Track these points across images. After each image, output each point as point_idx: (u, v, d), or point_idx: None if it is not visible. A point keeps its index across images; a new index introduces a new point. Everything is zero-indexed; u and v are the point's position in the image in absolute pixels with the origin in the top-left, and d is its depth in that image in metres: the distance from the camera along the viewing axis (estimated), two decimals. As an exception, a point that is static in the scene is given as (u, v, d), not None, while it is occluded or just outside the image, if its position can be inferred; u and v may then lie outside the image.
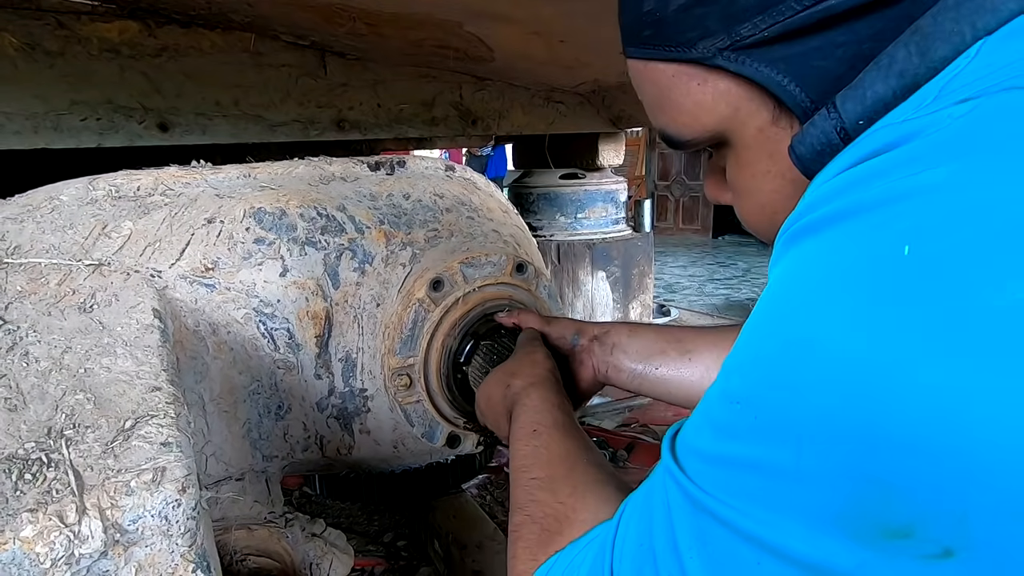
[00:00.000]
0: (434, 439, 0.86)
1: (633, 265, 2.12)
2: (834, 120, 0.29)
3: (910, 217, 0.23)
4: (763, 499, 0.26)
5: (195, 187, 0.83)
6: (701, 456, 0.30)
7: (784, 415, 0.25)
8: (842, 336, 0.23)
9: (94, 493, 0.46)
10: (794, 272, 0.26)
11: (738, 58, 0.31)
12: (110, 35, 1.01)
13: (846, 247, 0.24)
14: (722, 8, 0.30)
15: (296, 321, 0.79)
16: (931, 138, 0.24)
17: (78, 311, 0.63)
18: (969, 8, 0.25)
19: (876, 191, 0.24)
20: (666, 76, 0.34)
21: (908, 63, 0.26)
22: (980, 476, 0.20)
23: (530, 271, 0.89)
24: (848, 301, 0.23)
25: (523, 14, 0.97)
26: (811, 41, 0.29)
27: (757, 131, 0.33)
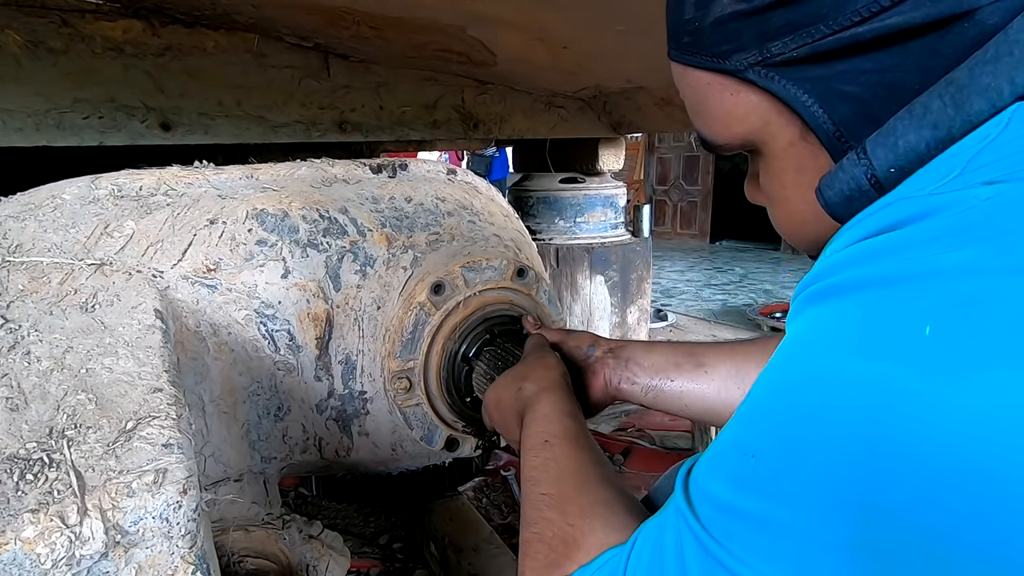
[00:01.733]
0: (433, 442, 0.86)
1: (631, 270, 2.13)
2: (864, 166, 0.29)
3: (932, 297, 0.23)
4: (769, 555, 0.26)
5: (197, 187, 0.83)
6: (714, 504, 0.30)
7: (800, 478, 0.25)
8: (856, 408, 0.23)
9: (95, 494, 0.46)
10: (809, 334, 0.27)
11: (768, 74, 0.32)
12: (114, 34, 1.01)
13: (863, 317, 0.25)
14: (755, 25, 0.31)
15: (297, 323, 0.79)
16: (955, 218, 0.24)
17: (80, 311, 0.63)
18: (1008, 64, 0.25)
19: (898, 265, 0.25)
20: (702, 83, 0.35)
21: (943, 115, 0.27)
22: (985, 558, 0.21)
23: (531, 276, 0.89)
24: (865, 373, 0.23)
25: (526, 20, 0.98)
26: (837, 65, 0.30)
27: (787, 145, 0.34)
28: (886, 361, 0.23)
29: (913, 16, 0.27)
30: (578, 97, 1.56)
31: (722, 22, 0.32)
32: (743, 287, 4.84)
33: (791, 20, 0.30)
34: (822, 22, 0.29)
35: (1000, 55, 0.26)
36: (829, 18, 0.28)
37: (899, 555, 0.22)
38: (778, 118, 0.33)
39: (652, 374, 0.63)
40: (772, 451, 0.27)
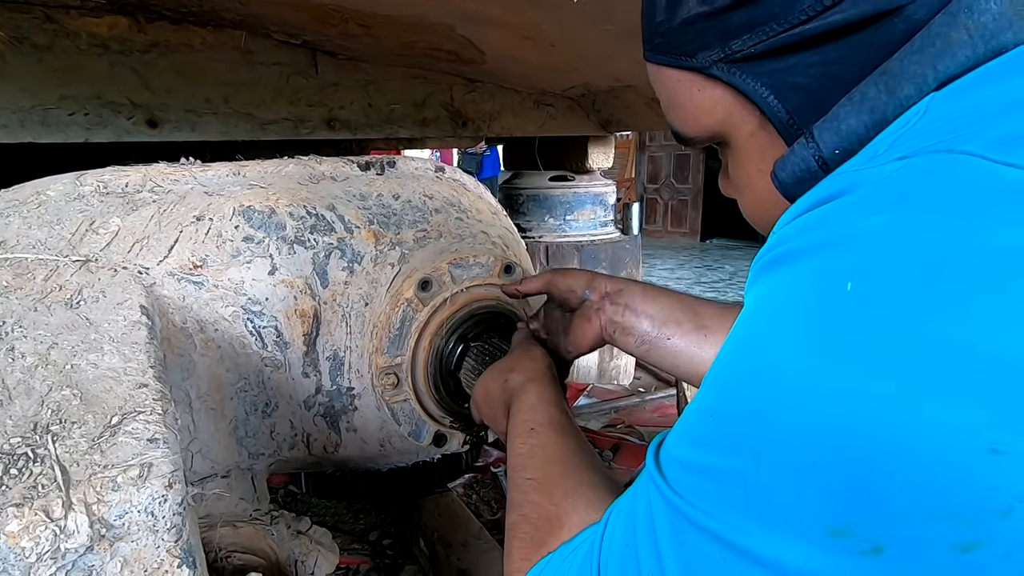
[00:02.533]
0: (421, 438, 0.86)
1: (621, 267, 2.14)
2: (812, 149, 0.32)
3: (850, 258, 0.26)
4: (730, 504, 0.29)
5: (184, 184, 0.83)
6: (679, 464, 0.33)
7: (746, 429, 0.28)
8: (792, 361, 0.27)
9: (80, 488, 0.46)
10: (759, 302, 0.30)
11: (730, 70, 0.35)
12: (99, 30, 1.00)
13: (799, 282, 0.28)
14: (718, 25, 0.34)
15: (284, 319, 0.79)
16: (870, 189, 0.28)
17: (65, 307, 0.63)
18: (931, 53, 0.29)
19: (825, 233, 0.28)
20: (673, 80, 0.39)
21: (878, 100, 0.30)
22: (902, 482, 0.24)
23: (518, 272, 0.90)
24: (797, 330, 0.27)
25: (515, 19, 0.98)
26: (789, 59, 0.33)
27: (749, 135, 0.37)
28: (812, 319, 0.26)
29: (851, 13, 0.30)
30: (567, 95, 1.57)
31: (688, 23, 0.35)
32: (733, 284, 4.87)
33: (748, 19, 0.33)
34: (775, 20, 0.32)
35: (924, 46, 0.29)
36: (781, 17, 0.32)
37: (837, 484, 0.25)
38: (740, 110, 0.36)
39: (650, 327, 0.61)
40: (725, 410, 0.29)
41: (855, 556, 0.25)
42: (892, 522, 0.24)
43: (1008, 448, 0.22)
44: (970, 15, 0.28)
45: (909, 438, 0.23)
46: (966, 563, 0.23)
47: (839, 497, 0.25)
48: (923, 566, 0.24)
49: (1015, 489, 0.22)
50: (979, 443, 0.23)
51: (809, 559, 0.26)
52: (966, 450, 0.23)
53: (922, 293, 0.24)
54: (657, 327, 0.61)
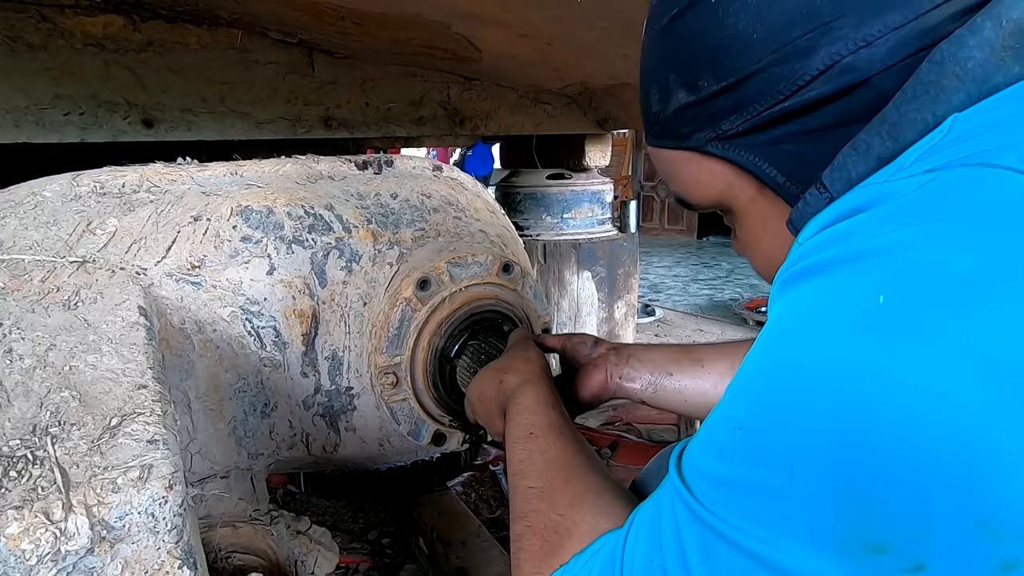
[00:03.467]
0: (420, 437, 0.86)
1: (618, 265, 2.14)
2: (824, 197, 0.35)
3: (883, 270, 0.27)
4: (762, 518, 0.29)
5: (181, 184, 0.83)
6: (706, 477, 0.33)
7: (778, 441, 0.28)
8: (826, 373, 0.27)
9: (80, 490, 0.46)
10: (786, 314, 0.30)
11: (723, 146, 0.39)
12: (94, 29, 1.00)
13: (830, 294, 0.28)
14: (706, 110, 0.38)
15: (283, 319, 0.79)
16: (899, 202, 0.29)
17: (62, 308, 0.63)
18: (926, 100, 0.31)
19: (855, 246, 0.29)
20: (673, 158, 0.42)
21: (883, 148, 0.32)
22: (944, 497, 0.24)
23: (516, 271, 0.90)
24: (830, 341, 0.27)
25: (511, 17, 0.98)
26: (774, 131, 0.37)
27: (750, 200, 0.41)
28: (846, 331, 0.27)
29: (823, 89, 0.34)
30: (564, 93, 1.57)
31: (680, 111, 0.39)
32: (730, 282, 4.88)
33: (732, 103, 0.37)
34: (756, 102, 0.36)
35: (918, 94, 0.31)
36: (761, 98, 0.36)
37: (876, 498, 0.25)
38: (738, 179, 0.40)
39: (651, 369, 0.66)
40: (756, 421, 0.29)
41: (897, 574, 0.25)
42: (934, 538, 0.24)
43: None
44: (956, 62, 0.30)
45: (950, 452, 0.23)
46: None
47: (880, 512, 0.25)
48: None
49: None
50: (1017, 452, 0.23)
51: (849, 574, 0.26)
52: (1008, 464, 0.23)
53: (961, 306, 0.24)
54: (658, 369, 0.66)
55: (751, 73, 0.35)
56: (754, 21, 0.34)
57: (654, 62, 0.41)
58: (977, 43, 0.29)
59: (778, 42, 0.34)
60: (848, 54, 0.33)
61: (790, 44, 0.34)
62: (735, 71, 0.36)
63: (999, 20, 0.29)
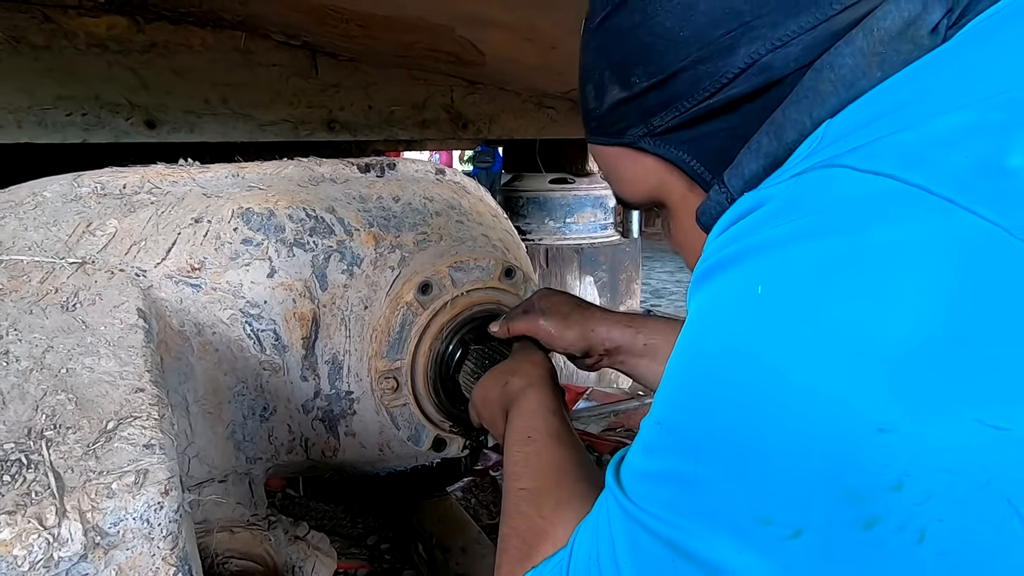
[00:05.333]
0: (420, 442, 0.86)
1: (621, 270, 2.14)
2: (724, 193, 0.38)
3: (758, 265, 0.30)
4: (677, 507, 0.31)
5: (182, 186, 0.82)
6: (633, 473, 0.35)
7: (686, 432, 0.31)
8: (713, 363, 0.30)
9: (75, 495, 0.46)
10: (694, 313, 0.33)
11: (654, 142, 0.40)
12: (97, 30, 1.00)
13: (722, 291, 0.31)
14: (638, 106, 0.40)
15: (283, 322, 0.78)
16: (773, 204, 0.32)
17: (60, 310, 0.62)
18: (806, 103, 0.34)
19: (741, 244, 0.32)
20: (610, 155, 0.44)
21: (770, 147, 0.35)
22: (810, 466, 0.26)
23: (518, 276, 0.89)
24: (718, 334, 0.30)
25: (515, 20, 0.98)
26: (701, 127, 0.38)
27: (680, 197, 0.42)
28: (732, 324, 0.29)
29: (744, 87, 0.36)
30: (567, 97, 1.57)
31: (614, 107, 0.41)
32: (732, 288, 4.86)
33: (661, 100, 0.38)
34: (683, 99, 0.38)
35: (800, 98, 0.34)
36: (688, 95, 0.37)
37: (761, 478, 0.27)
38: (669, 175, 0.42)
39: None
40: (669, 415, 0.32)
41: (780, 542, 0.27)
42: (806, 505, 0.26)
43: (893, 427, 0.25)
44: (832, 69, 0.33)
45: (810, 423, 0.26)
46: (869, 539, 0.25)
47: (763, 486, 0.27)
48: (836, 544, 0.26)
49: (902, 465, 0.25)
50: (868, 423, 0.25)
51: (742, 553, 0.28)
52: (857, 430, 0.25)
53: (813, 290, 0.27)
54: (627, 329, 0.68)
55: (678, 70, 0.37)
56: (680, 20, 0.36)
57: (590, 60, 0.42)
58: (850, 51, 0.32)
59: (702, 40, 0.36)
60: (766, 53, 0.35)
61: (713, 43, 0.35)
62: (663, 68, 0.37)
63: (871, 30, 0.32)
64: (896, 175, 0.27)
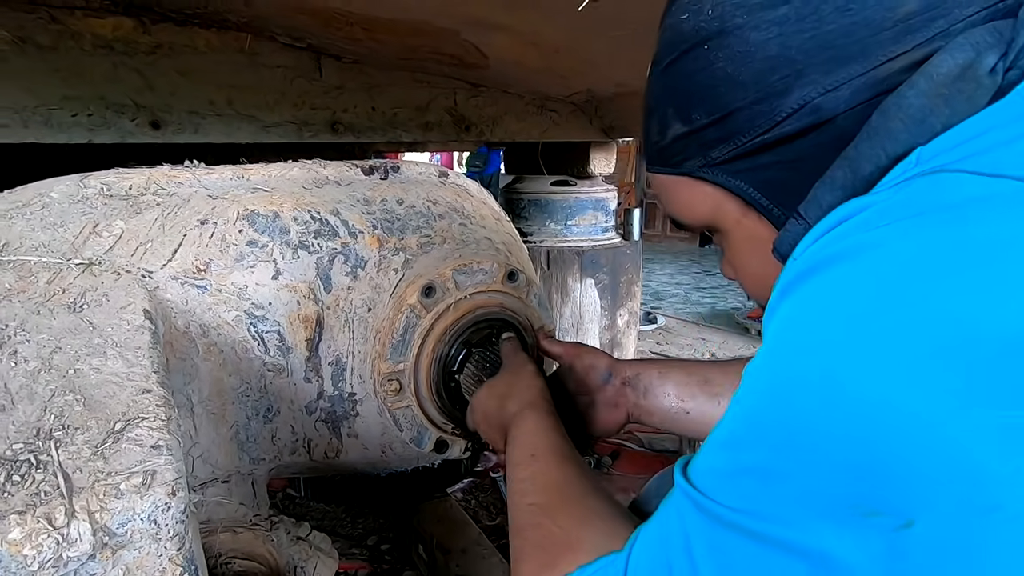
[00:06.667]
0: (422, 444, 0.86)
1: (621, 273, 2.14)
2: (803, 225, 0.39)
3: (864, 263, 0.31)
4: (766, 499, 0.32)
5: (188, 187, 0.83)
6: (713, 472, 0.36)
7: (780, 426, 0.31)
8: (819, 358, 0.30)
9: (83, 495, 0.46)
10: (782, 322, 0.34)
11: (712, 172, 0.44)
12: (104, 31, 1.00)
13: (824, 291, 0.32)
14: (697, 140, 0.44)
15: (287, 324, 0.79)
16: (874, 208, 0.33)
17: (68, 310, 0.63)
18: (878, 140, 0.36)
19: (843, 245, 0.33)
20: (669, 182, 0.48)
21: (845, 180, 0.38)
22: (923, 466, 0.27)
23: (521, 279, 0.89)
24: (821, 330, 0.31)
25: (520, 24, 0.98)
26: (757, 159, 0.42)
27: (735, 222, 0.46)
28: (841, 318, 0.30)
29: (795, 126, 0.39)
30: (570, 101, 1.57)
31: (676, 140, 0.45)
32: (732, 291, 4.87)
33: (719, 135, 0.42)
34: (741, 134, 0.42)
35: (871, 135, 0.37)
36: (744, 131, 0.41)
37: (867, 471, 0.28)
38: (726, 202, 0.45)
39: (669, 404, 0.71)
40: (762, 412, 0.33)
41: (889, 532, 0.28)
42: (919, 495, 0.27)
43: (1015, 422, 0.25)
44: (899, 109, 0.36)
45: (925, 416, 0.26)
46: (990, 524, 0.26)
47: (868, 480, 0.28)
48: (954, 532, 0.27)
49: (1015, 461, 0.25)
50: (980, 416, 0.26)
51: (844, 541, 0.29)
52: (975, 420, 0.26)
53: (922, 284, 0.28)
54: (676, 404, 0.71)
55: (736, 109, 0.41)
56: (739, 66, 0.40)
57: (655, 98, 0.47)
58: (914, 93, 0.35)
59: (759, 84, 0.40)
60: (817, 96, 0.38)
61: (769, 86, 0.39)
62: (723, 107, 0.42)
63: (930, 75, 0.35)
64: None
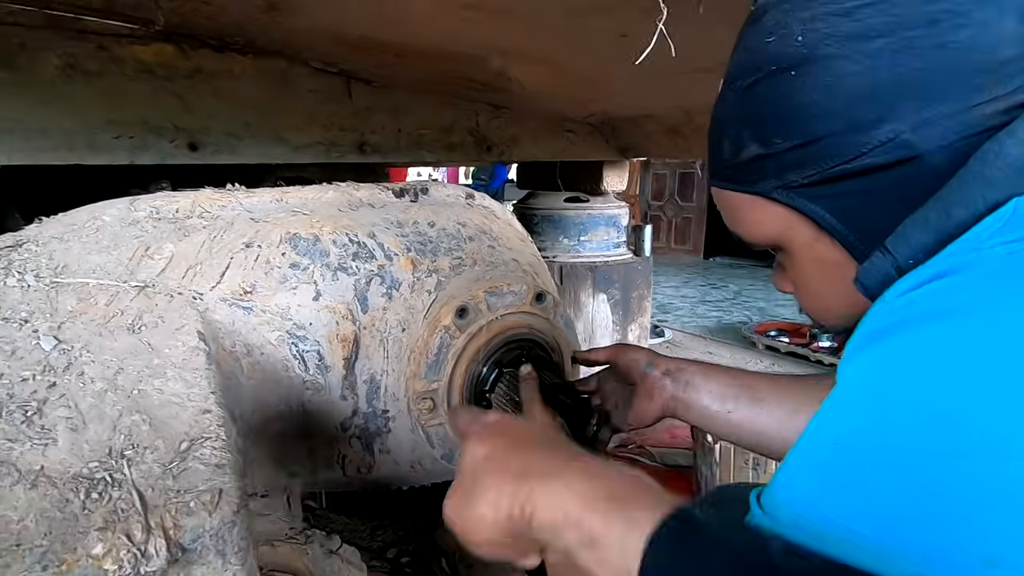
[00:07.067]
0: (453, 460, 0.88)
1: (633, 288, 2.17)
2: (890, 261, 0.39)
3: (977, 321, 0.30)
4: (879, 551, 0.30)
5: (231, 210, 0.86)
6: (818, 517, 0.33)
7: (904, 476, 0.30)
8: (935, 410, 0.30)
9: (157, 513, 0.49)
10: (866, 369, 0.33)
11: (787, 194, 0.44)
12: (146, 57, 1.04)
13: (923, 345, 0.32)
14: (775, 162, 0.43)
15: (326, 344, 0.82)
16: (983, 267, 0.33)
17: (127, 332, 0.66)
18: (976, 187, 0.36)
19: (947, 302, 0.32)
20: (738, 200, 0.48)
21: (938, 222, 0.38)
22: None
23: (549, 300, 0.92)
24: (941, 382, 0.30)
25: (552, 54, 1.02)
26: (838, 187, 0.41)
27: (805, 244, 0.45)
28: (928, 379, 0.30)
29: (884, 158, 0.39)
30: (587, 122, 1.61)
31: (750, 161, 0.45)
32: (737, 304, 4.89)
33: (800, 160, 0.42)
34: (823, 161, 0.41)
35: (969, 180, 0.37)
36: (827, 159, 0.41)
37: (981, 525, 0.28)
38: (797, 224, 0.45)
39: (710, 402, 0.68)
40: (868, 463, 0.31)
41: None
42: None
43: None
44: (998, 157, 0.36)
45: None
46: None
47: (988, 529, 0.28)
48: None
49: None
50: None
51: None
52: None
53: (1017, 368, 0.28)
54: (717, 403, 0.68)
55: (821, 137, 0.40)
56: (827, 95, 0.39)
57: (729, 116, 0.46)
58: (1014, 143, 0.35)
59: (847, 115, 0.39)
60: (907, 131, 0.38)
61: (857, 117, 0.39)
62: (806, 134, 0.41)
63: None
64: None
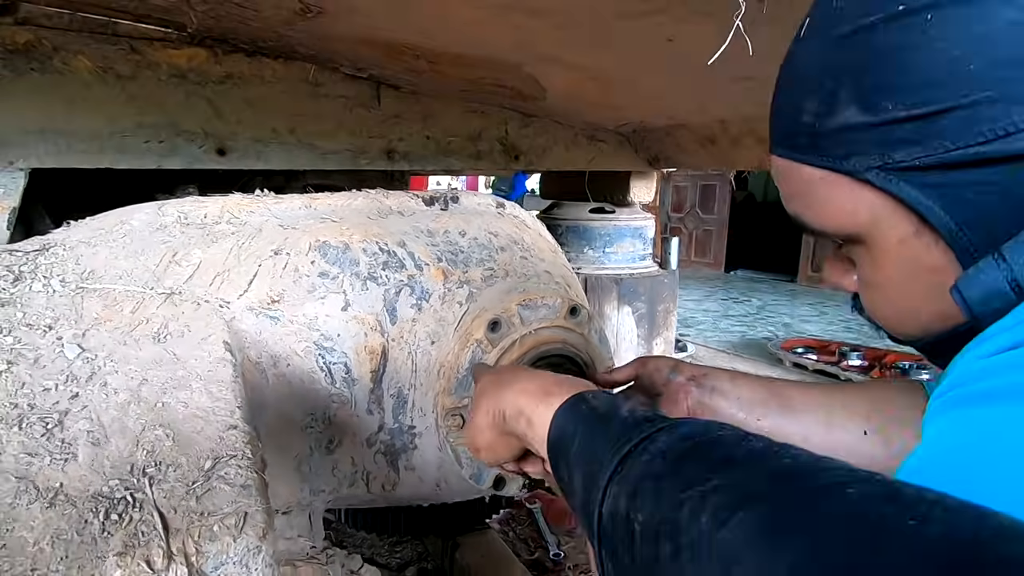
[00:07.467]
0: (481, 480, 0.84)
1: (659, 302, 2.12)
2: (1004, 271, 0.31)
3: None
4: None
5: (259, 216, 0.84)
6: None
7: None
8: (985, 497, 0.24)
9: (179, 537, 0.46)
10: (951, 434, 0.29)
11: (888, 178, 0.34)
12: (179, 61, 1.03)
13: (996, 425, 0.27)
14: (879, 135, 0.33)
15: (354, 356, 0.79)
16: None
17: (152, 341, 0.63)
18: None
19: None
20: (814, 177, 0.37)
21: None
22: None
23: (583, 315, 0.88)
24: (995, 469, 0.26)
25: (586, 60, 0.99)
26: (959, 175, 0.32)
27: (899, 241, 0.36)
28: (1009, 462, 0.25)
29: (1022, 146, 0.30)
30: (618, 131, 1.58)
31: (844, 129, 0.35)
32: (761, 319, 4.80)
33: (915, 135, 0.32)
34: (947, 139, 0.31)
35: None
36: (954, 136, 0.31)
37: None
38: (891, 216, 0.35)
39: (738, 408, 0.62)
40: None
41: None
42: None
43: None
44: None
45: None
46: None
47: None
48: None
49: None
50: None
51: None
52: None
53: None
54: (746, 409, 0.61)
55: (952, 107, 0.31)
56: (972, 52, 0.30)
57: (817, 69, 0.36)
58: None
59: (995, 79, 0.30)
60: None
61: (1009, 84, 0.30)
62: (932, 101, 0.31)
63: None
64: None
